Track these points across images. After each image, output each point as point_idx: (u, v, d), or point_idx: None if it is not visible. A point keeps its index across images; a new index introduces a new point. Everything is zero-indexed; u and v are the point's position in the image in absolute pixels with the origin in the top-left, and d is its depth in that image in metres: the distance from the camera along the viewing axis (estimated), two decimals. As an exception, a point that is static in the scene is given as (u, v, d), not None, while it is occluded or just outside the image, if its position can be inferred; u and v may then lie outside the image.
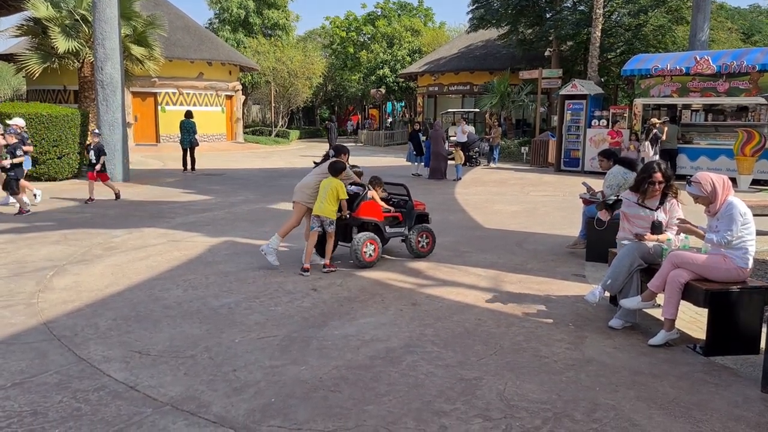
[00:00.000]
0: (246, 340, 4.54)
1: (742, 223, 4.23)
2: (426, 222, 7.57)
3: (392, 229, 7.19)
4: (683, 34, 25.51)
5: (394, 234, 7.21)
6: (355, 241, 6.69)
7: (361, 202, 6.81)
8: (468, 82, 32.40)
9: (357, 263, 6.70)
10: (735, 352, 4.24)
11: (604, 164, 7.39)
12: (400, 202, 7.50)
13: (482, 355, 4.29)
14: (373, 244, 6.77)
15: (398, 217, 7.25)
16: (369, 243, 6.74)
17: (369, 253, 6.74)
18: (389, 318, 5.06)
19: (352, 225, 6.92)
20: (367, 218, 6.85)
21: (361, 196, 6.87)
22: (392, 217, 7.21)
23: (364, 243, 6.68)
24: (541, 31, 27.47)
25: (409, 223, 7.29)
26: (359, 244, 6.66)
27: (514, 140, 25.20)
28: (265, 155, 25.85)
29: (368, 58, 41.59)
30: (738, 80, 15.36)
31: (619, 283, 4.89)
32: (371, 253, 6.76)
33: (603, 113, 18.53)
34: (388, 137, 36.35)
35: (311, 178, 6.83)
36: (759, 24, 38.12)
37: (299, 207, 6.79)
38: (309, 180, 6.82)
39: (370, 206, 6.87)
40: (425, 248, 7.34)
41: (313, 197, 6.66)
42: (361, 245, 6.66)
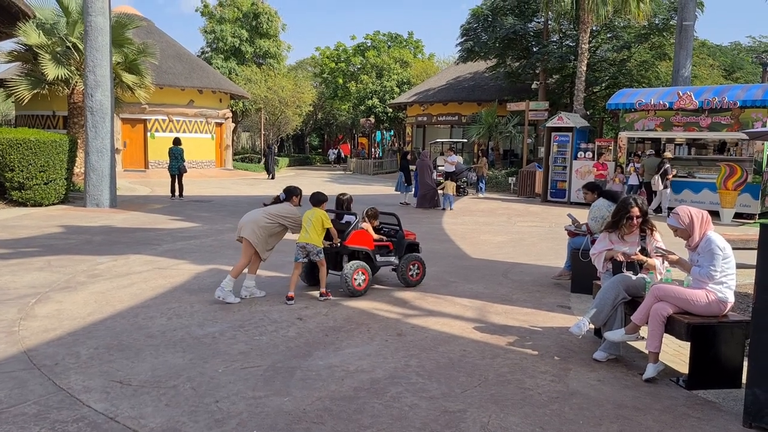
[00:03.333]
0: (229, 370, 4.50)
1: (722, 258, 4.30)
2: (416, 251, 7.58)
3: (383, 258, 7.21)
4: (666, 70, 26.04)
5: (385, 263, 7.23)
6: (345, 270, 6.69)
7: (352, 231, 6.85)
8: (456, 112, 32.80)
9: (347, 292, 6.70)
10: (717, 386, 4.26)
11: (588, 197, 7.49)
12: (390, 231, 7.57)
13: (467, 386, 4.28)
14: (364, 273, 6.78)
15: (389, 246, 7.30)
16: (359, 272, 6.75)
17: (359, 281, 6.75)
18: (374, 348, 5.04)
19: (342, 253, 6.89)
20: (357, 247, 6.87)
21: (352, 225, 6.92)
22: (383, 246, 7.24)
23: (354, 271, 6.69)
24: (528, 64, 27.94)
25: (399, 253, 7.32)
26: (350, 272, 6.67)
27: (502, 170, 25.44)
28: (253, 182, 25.88)
29: (357, 88, 42.04)
30: (720, 116, 15.67)
31: (603, 315, 4.92)
32: (361, 282, 6.77)
33: (589, 146, 18.81)
34: (377, 166, 36.58)
35: (260, 216, 6.53)
36: (740, 61, 38.95)
37: (248, 244, 6.44)
38: (257, 217, 6.52)
39: (360, 235, 6.92)
40: (415, 277, 7.36)
41: (262, 237, 6.48)
42: (351, 273, 6.67)
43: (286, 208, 6.68)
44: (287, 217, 6.61)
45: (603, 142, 19.23)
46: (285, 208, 6.67)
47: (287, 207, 6.70)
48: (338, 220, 7.18)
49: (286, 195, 6.83)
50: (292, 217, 6.63)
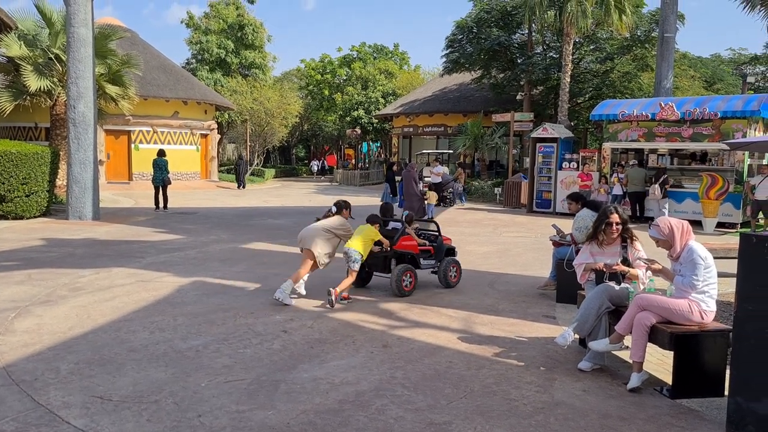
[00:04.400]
0: (213, 384, 4.45)
1: (704, 267, 4.33)
2: (453, 255, 8.17)
3: (425, 261, 7.82)
4: (649, 81, 26.38)
5: (427, 266, 7.84)
6: (395, 272, 7.28)
7: (400, 237, 7.53)
8: (442, 123, 32.96)
9: (396, 292, 7.26)
10: (701, 395, 4.27)
11: (572, 207, 7.53)
12: (430, 236, 8.20)
13: (452, 398, 4.26)
14: (411, 275, 7.41)
15: (430, 251, 7.89)
16: (407, 274, 7.37)
17: (407, 283, 7.36)
18: (360, 360, 5.01)
19: (391, 257, 7.49)
20: (404, 250, 7.54)
21: (400, 231, 7.62)
22: (425, 250, 7.85)
23: (403, 273, 7.30)
24: (512, 75, 28.19)
25: (439, 256, 7.92)
26: (399, 274, 7.26)
27: (488, 181, 25.55)
28: (239, 194, 25.79)
29: (343, 99, 42.14)
30: (701, 126, 15.86)
31: (588, 325, 4.93)
32: (408, 284, 7.38)
33: (573, 156, 18.95)
34: (364, 177, 36.60)
35: (318, 229, 7.19)
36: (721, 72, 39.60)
37: (309, 254, 7.05)
38: (316, 231, 7.17)
39: (407, 240, 7.63)
40: (454, 279, 7.95)
41: (322, 247, 7.06)
42: (400, 276, 7.27)
43: (338, 220, 7.35)
44: (339, 229, 7.24)
45: (587, 152, 19.40)
46: (337, 220, 7.34)
47: (339, 219, 7.37)
48: (384, 227, 7.75)
49: (337, 209, 7.49)
50: (344, 229, 7.28)
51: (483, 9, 28.23)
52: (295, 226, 14.46)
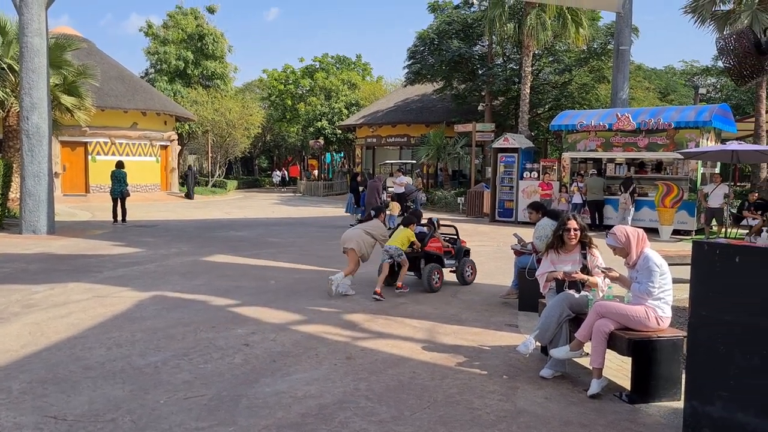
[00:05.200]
0: (172, 400, 4.35)
1: (660, 274, 4.44)
2: (468, 256, 9.23)
3: (448, 261, 8.83)
4: (605, 92, 27.04)
5: (450, 265, 8.85)
6: (425, 271, 8.34)
7: (429, 239, 8.59)
8: (405, 134, 33.15)
9: (427, 288, 8.26)
10: (658, 400, 4.36)
11: (533, 216, 7.63)
12: (450, 239, 9.16)
13: (416, 409, 4.25)
14: (439, 273, 8.46)
15: (452, 251, 8.92)
16: (435, 272, 8.40)
17: (435, 279, 8.37)
18: (323, 373, 4.97)
19: (420, 257, 8.53)
20: (432, 251, 8.61)
21: (429, 234, 8.67)
22: (447, 251, 8.87)
23: (432, 272, 8.33)
24: (474, 86, 28.57)
25: (458, 257, 8.94)
26: (429, 273, 8.30)
27: (451, 191, 25.76)
28: (201, 206, 25.43)
29: (306, 110, 42.04)
30: (656, 136, 16.31)
31: (549, 333, 4.99)
32: (437, 280, 8.41)
33: (534, 166, 19.26)
34: (327, 187, 36.52)
35: (360, 232, 8.24)
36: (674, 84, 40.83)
37: (354, 253, 8.05)
38: (359, 233, 8.21)
39: (435, 242, 8.70)
40: (470, 277, 8.96)
41: (364, 246, 8.09)
42: (430, 273, 8.30)
43: (375, 223, 8.43)
44: (376, 230, 8.28)
45: (548, 162, 19.74)
46: (375, 224, 8.42)
47: (376, 222, 8.46)
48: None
49: (375, 213, 8.68)
50: (380, 231, 8.32)
51: (444, 21, 28.59)
52: (257, 238, 14.35)
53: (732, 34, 5.61)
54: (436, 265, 8.48)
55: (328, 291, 7.89)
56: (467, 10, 29.26)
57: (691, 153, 14.78)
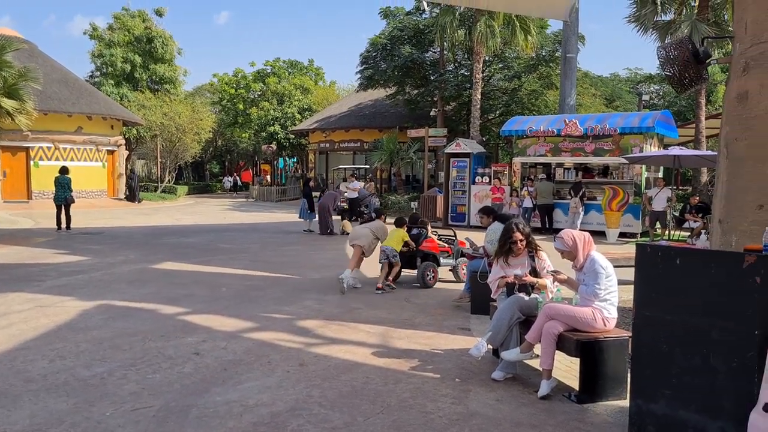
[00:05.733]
0: (119, 412, 4.23)
1: (605, 276, 4.56)
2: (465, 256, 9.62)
3: (445, 260, 9.53)
4: (554, 98, 27.64)
5: (446, 264, 9.56)
6: (420, 268, 9.06)
7: (423, 239, 9.32)
8: (359, 139, 33.16)
9: (422, 285, 8.99)
10: (605, 399, 4.47)
11: (484, 221, 7.75)
12: (448, 240, 9.89)
13: (369, 414, 4.25)
14: (434, 272, 9.15)
15: (448, 251, 9.65)
16: (430, 270, 9.10)
17: (430, 277, 9.09)
18: (275, 380, 4.91)
19: (416, 256, 9.22)
20: (427, 250, 9.29)
21: (423, 235, 9.39)
22: (444, 251, 9.58)
23: (426, 269, 9.05)
24: (426, 91, 28.79)
25: (455, 257, 9.60)
26: (423, 269, 9.04)
27: (405, 196, 25.88)
28: (149, 212, 24.84)
29: (258, 114, 41.58)
30: (603, 141, 16.76)
31: (500, 336, 5.06)
32: (431, 277, 9.11)
33: (485, 170, 19.53)
34: (280, 192, 36.19)
35: (367, 230, 9.23)
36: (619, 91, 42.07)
37: (359, 249, 9.02)
38: (366, 232, 9.20)
39: (429, 242, 9.38)
40: (432, 281, 9.28)
41: (368, 244, 9.06)
42: (424, 270, 9.03)
43: (378, 224, 9.43)
44: (379, 230, 9.23)
45: (499, 167, 20.04)
46: (377, 224, 9.43)
47: (379, 223, 9.45)
48: (409, 232, 9.40)
49: (376, 215, 9.86)
50: (382, 230, 9.27)
51: (396, 27, 28.74)
52: (208, 245, 14.10)
53: (672, 44, 5.81)
54: (432, 263, 9.19)
55: (340, 290, 8.48)
56: (419, 17, 29.49)
57: (636, 158, 15.28)
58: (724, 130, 5.54)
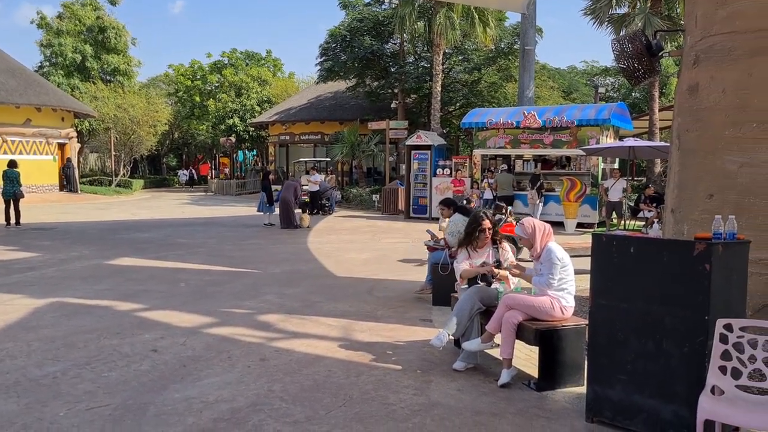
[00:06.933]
0: (72, 412, 4.11)
1: (561, 267, 4.64)
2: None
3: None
4: (513, 91, 27.96)
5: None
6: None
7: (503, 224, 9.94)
8: (319, 131, 32.95)
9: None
10: (564, 386, 4.55)
11: (445, 212, 7.79)
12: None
13: (331, 407, 4.23)
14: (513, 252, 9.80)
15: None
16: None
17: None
18: (236, 376, 4.85)
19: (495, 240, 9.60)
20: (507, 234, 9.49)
21: (503, 220, 10.25)
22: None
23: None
24: (386, 83, 28.78)
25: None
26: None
27: (366, 188, 25.87)
28: (104, 206, 24.23)
29: (216, 106, 40.90)
30: (561, 133, 17.04)
31: (461, 326, 5.10)
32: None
33: (446, 163, 19.65)
34: (240, 186, 35.74)
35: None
36: (576, 83, 42.86)
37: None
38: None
39: (508, 226, 9.80)
40: None
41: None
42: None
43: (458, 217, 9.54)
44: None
45: (459, 159, 20.20)
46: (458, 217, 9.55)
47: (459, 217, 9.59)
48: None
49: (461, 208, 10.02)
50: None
51: (356, 18, 28.60)
52: (166, 239, 13.83)
53: (625, 37, 5.93)
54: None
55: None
56: (378, 8, 29.42)
57: (592, 149, 15.58)
58: (676, 121, 5.69)
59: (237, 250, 12.20)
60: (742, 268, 3.69)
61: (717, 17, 5.08)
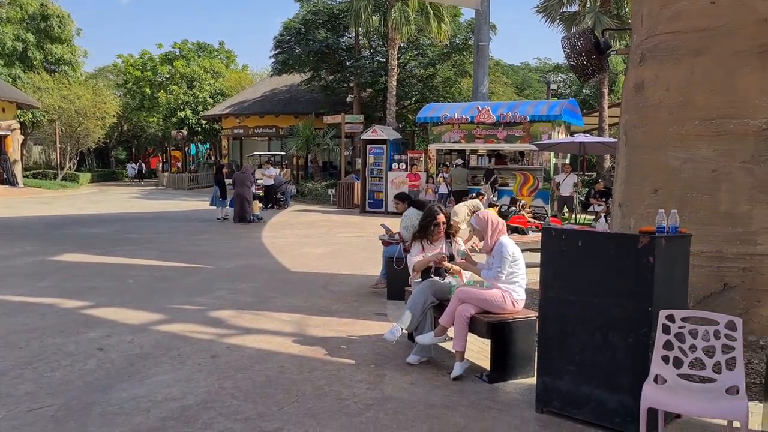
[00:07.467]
0: (13, 414, 3.96)
1: (511, 261, 4.70)
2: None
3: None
4: (467, 86, 28.23)
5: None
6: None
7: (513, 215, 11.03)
8: (274, 125, 32.56)
9: None
10: (515, 378, 4.62)
11: (399, 207, 7.80)
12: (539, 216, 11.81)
13: (283, 403, 4.19)
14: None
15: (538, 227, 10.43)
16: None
17: None
18: (185, 374, 4.76)
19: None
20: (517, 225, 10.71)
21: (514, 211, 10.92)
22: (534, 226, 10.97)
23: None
24: (342, 77, 28.64)
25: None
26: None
27: (322, 183, 25.73)
28: (49, 201, 23.43)
29: (168, 99, 39.96)
30: (514, 129, 17.27)
31: (414, 320, 5.12)
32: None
33: (402, 157, 19.70)
34: (192, 180, 35.06)
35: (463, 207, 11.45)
36: (529, 79, 43.55)
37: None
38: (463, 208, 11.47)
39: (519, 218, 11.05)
40: None
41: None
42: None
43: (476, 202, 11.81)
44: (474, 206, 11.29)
45: (415, 153, 20.27)
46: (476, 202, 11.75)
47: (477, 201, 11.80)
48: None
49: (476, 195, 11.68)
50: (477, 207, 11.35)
51: (310, 11, 28.32)
52: (114, 235, 13.47)
53: (575, 34, 6.05)
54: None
55: None
56: (333, 1, 29.21)
57: (545, 145, 15.85)
58: (623, 118, 5.83)
59: (189, 245, 11.97)
60: (685, 260, 3.81)
61: (662, 17, 5.22)
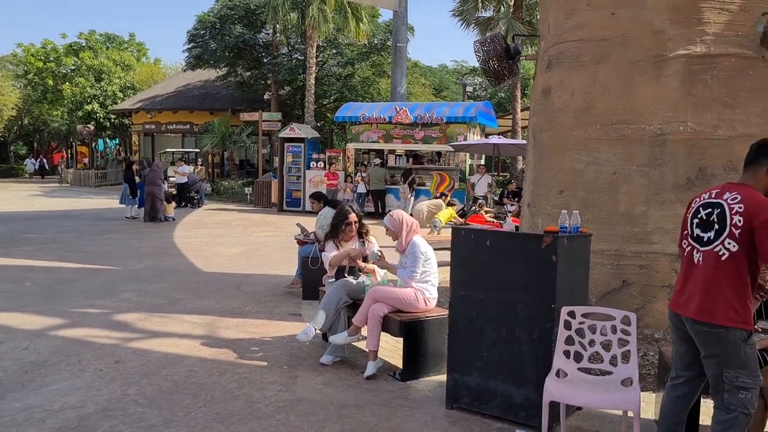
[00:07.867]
0: None
1: (424, 260, 4.77)
2: None
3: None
4: (386, 87, 28.43)
5: None
6: None
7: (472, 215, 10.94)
8: (188, 121, 31.54)
9: None
10: (427, 375, 4.69)
11: (315, 206, 7.77)
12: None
13: (191, 409, 4.06)
14: None
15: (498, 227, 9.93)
16: None
17: None
18: (86, 381, 4.52)
19: None
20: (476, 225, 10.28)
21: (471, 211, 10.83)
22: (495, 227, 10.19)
23: None
24: (259, 74, 28.14)
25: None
26: None
27: (238, 181, 25.20)
28: (-62, 198, 21.71)
29: (73, 91, 37.94)
30: (431, 129, 17.54)
31: (328, 320, 5.09)
32: None
33: (320, 156, 19.60)
34: (100, 177, 33.47)
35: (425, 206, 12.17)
36: (446, 81, 44.40)
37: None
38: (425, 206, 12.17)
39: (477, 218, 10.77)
40: None
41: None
42: None
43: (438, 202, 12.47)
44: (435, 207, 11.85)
45: (333, 152, 20.21)
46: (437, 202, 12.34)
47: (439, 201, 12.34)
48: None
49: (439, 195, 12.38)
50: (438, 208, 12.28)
51: (226, 5, 27.63)
52: (12, 234, 12.66)
53: (487, 39, 6.21)
54: None
55: None
56: (251, -4, 28.64)
57: (460, 146, 16.21)
58: (531, 121, 6.04)
59: (94, 245, 11.41)
60: (586, 258, 3.99)
61: (566, 25, 5.44)
